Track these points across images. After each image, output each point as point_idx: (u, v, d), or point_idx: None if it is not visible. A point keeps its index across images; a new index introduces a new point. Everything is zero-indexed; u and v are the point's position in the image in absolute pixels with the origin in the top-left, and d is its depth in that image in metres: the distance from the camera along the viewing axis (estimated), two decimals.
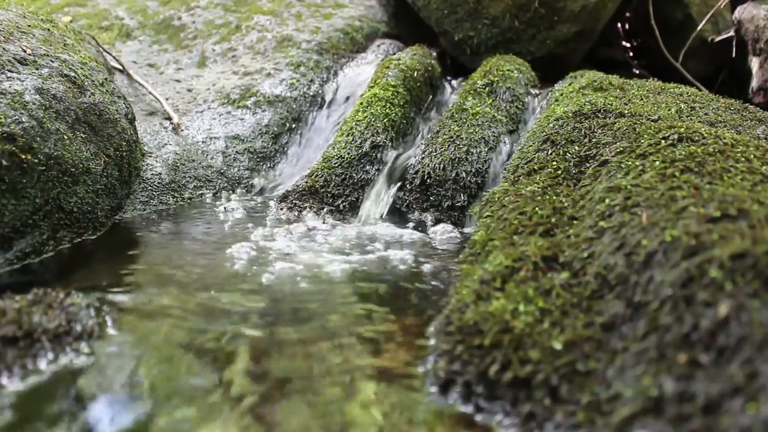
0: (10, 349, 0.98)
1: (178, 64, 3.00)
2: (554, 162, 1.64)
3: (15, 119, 1.51)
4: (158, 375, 1.00)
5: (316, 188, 2.12)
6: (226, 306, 1.28)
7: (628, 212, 1.13)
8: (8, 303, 1.08)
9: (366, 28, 3.27)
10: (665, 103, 2.01)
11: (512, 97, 2.47)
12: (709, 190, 1.08)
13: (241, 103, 2.62)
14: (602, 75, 2.36)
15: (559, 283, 1.07)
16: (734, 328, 0.76)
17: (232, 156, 2.40)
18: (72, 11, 3.38)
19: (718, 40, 3.45)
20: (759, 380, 0.69)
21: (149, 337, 1.12)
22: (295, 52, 2.93)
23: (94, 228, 1.73)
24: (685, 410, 0.73)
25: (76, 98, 1.76)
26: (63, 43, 1.98)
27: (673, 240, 0.96)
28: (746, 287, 0.79)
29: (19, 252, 1.50)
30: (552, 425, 0.84)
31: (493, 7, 3.02)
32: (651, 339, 0.85)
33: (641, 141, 1.44)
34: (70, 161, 1.63)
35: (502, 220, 1.40)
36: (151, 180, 2.11)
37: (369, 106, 2.41)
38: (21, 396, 0.91)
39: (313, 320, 1.23)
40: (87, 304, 1.15)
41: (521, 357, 0.93)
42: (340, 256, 1.64)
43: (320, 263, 1.56)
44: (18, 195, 1.48)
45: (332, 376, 1.01)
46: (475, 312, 1.04)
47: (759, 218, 0.93)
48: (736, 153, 1.28)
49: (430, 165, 2.11)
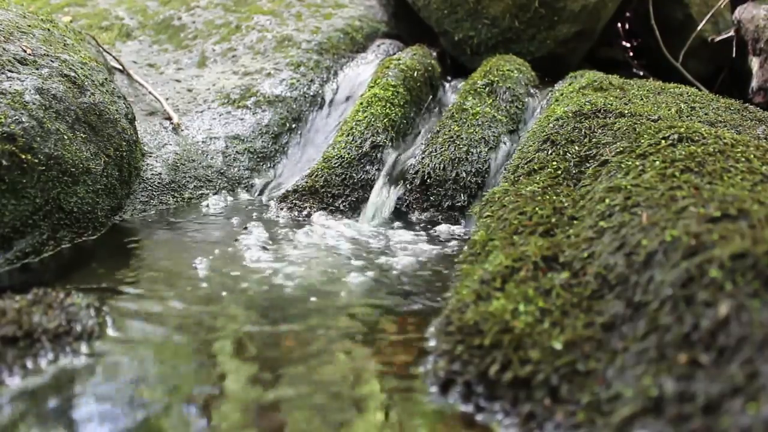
0: (10, 348, 0.98)
1: (178, 64, 3.00)
2: (554, 162, 1.64)
3: (15, 119, 1.51)
4: (158, 375, 0.99)
5: (316, 188, 2.12)
6: (226, 306, 1.28)
7: (628, 212, 1.13)
8: (8, 303, 1.08)
9: (366, 28, 3.27)
10: (665, 103, 2.01)
11: (512, 97, 2.47)
12: (710, 190, 1.08)
13: (241, 103, 2.62)
14: (602, 75, 2.36)
15: (559, 283, 1.07)
16: (734, 328, 0.76)
17: (232, 156, 2.40)
18: (72, 11, 3.38)
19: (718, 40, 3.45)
20: (759, 380, 0.69)
21: (149, 338, 1.12)
22: (295, 52, 2.93)
23: (94, 228, 1.73)
24: (685, 410, 0.73)
25: (76, 98, 1.76)
26: (63, 43, 1.98)
27: (673, 240, 0.95)
28: (746, 287, 0.79)
29: (19, 252, 1.50)
30: (552, 425, 0.84)
31: (493, 7, 3.02)
32: (651, 339, 0.85)
33: (641, 141, 1.44)
34: (70, 161, 1.63)
35: (502, 220, 1.40)
36: (151, 180, 2.11)
37: (369, 106, 2.41)
38: (21, 396, 0.91)
39: (313, 320, 1.23)
40: (87, 304, 1.15)
41: (521, 357, 0.93)
42: (340, 256, 1.64)
43: (320, 263, 1.56)
44: (18, 195, 1.48)
45: (332, 375, 1.01)
46: (475, 312, 1.04)
47: (759, 218, 0.93)
48: (736, 153, 1.28)
49: (430, 165, 2.11)
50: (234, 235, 1.79)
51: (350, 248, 1.72)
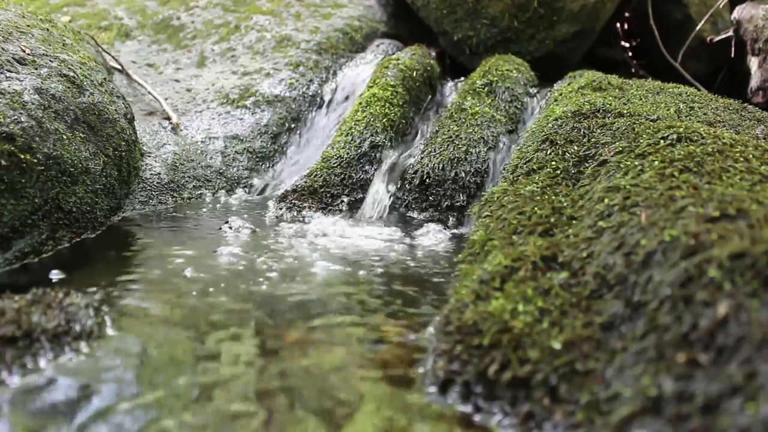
0: (9, 348, 0.98)
1: (177, 63, 3.00)
2: (553, 162, 1.64)
3: (14, 119, 1.51)
4: (157, 375, 0.99)
5: (315, 188, 2.12)
6: (225, 305, 1.28)
7: (627, 212, 1.13)
8: (7, 303, 1.08)
9: (365, 28, 3.27)
10: (664, 103, 2.02)
11: (511, 97, 2.47)
12: (708, 190, 1.09)
13: (240, 102, 2.62)
14: (601, 75, 2.36)
15: (558, 283, 1.07)
16: (733, 328, 0.76)
17: (231, 156, 2.40)
18: (71, 11, 3.38)
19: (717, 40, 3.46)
20: (758, 380, 0.69)
21: (148, 337, 1.12)
22: (294, 52, 2.93)
23: (93, 228, 1.73)
24: (684, 410, 0.73)
25: (75, 98, 1.76)
26: (62, 43, 1.98)
27: (672, 240, 0.96)
28: (745, 287, 0.79)
29: (18, 252, 1.50)
30: (551, 425, 0.84)
31: (492, 6, 3.02)
32: (650, 339, 0.85)
33: (640, 141, 1.44)
34: (69, 161, 1.63)
35: (501, 219, 1.40)
36: (150, 180, 2.10)
37: (368, 105, 2.41)
38: (20, 395, 0.91)
39: (312, 320, 1.23)
40: (86, 304, 1.15)
41: (520, 357, 0.93)
42: (339, 257, 1.64)
43: (319, 263, 1.56)
44: (17, 195, 1.48)
45: (331, 375, 1.01)
46: (474, 312, 1.04)
47: (758, 218, 0.94)
48: (734, 153, 1.28)
49: (429, 165, 2.11)
50: (233, 234, 1.79)
51: (349, 248, 1.72)
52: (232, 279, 1.43)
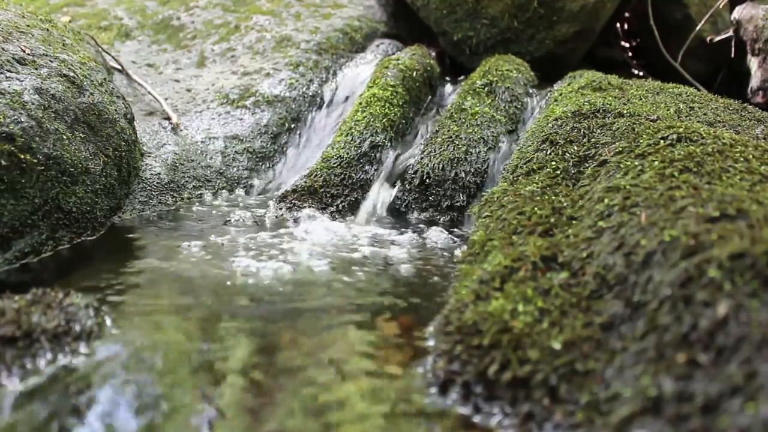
0: (9, 349, 0.98)
1: (177, 64, 3.00)
2: (553, 162, 1.64)
3: (14, 119, 1.51)
4: (158, 374, 0.99)
5: (315, 188, 2.12)
6: (225, 305, 1.28)
7: (627, 212, 1.13)
8: (7, 303, 1.08)
9: (365, 28, 3.27)
10: (664, 103, 2.02)
11: (511, 97, 2.47)
12: (708, 190, 1.09)
13: (240, 103, 2.62)
14: (601, 75, 2.36)
15: (558, 283, 1.07)
16: (733, 328, 0.76)
17: (231, 156, 2.40)
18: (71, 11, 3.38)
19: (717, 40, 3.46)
20: (758, 380, 0.69)
21: (148, 338, 1.12)
22: (294, 52, 2.93)
23: (93, 228, 1.73)
24: (684, 410, 0.73)
25: (75, 98, 1.76)
26: (62, 43, 1.98)
27: (671, 240, 0.96)
28: (745, 287, 0.80)
29: (18, 252, 1.50)
30: (551, 425, 0.84)
31: (492, 7, 3.02)
32: (650, 339, 0.85)
33: (640, 141, 1.44)
34: (69, 161, 1.63)
35: (501, 220, 1.40)
36: (150, 180, 2.10)
37: (368, 106, 2.41)
38: (20, 396, 0.91)
39: (312, 320, 1.23)
40: (86, 304, 1.15)
41: (520, 357, 0.93)
42: (339, 257, 1.64)
43: (319, 263, 1.56)
44: (17, 195, 1.48)
45: (330, 375, 1.01)
46: (474, 312, 1.04)
47: (758, 218, 0.94)
48: (734, 153, 1.28)
49: (429, 165, 2.11)
50: (232, 234, 1.79)
51: (348, 248, 1.72)
52: (232, 278, 1.43)
